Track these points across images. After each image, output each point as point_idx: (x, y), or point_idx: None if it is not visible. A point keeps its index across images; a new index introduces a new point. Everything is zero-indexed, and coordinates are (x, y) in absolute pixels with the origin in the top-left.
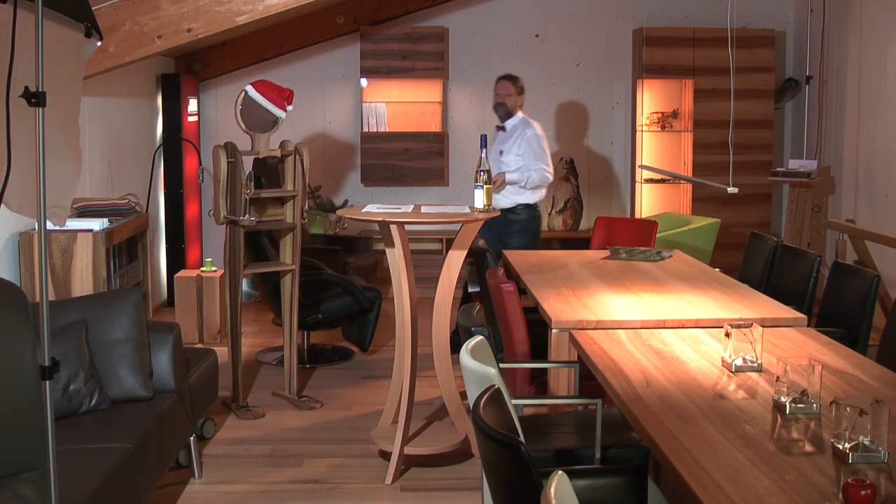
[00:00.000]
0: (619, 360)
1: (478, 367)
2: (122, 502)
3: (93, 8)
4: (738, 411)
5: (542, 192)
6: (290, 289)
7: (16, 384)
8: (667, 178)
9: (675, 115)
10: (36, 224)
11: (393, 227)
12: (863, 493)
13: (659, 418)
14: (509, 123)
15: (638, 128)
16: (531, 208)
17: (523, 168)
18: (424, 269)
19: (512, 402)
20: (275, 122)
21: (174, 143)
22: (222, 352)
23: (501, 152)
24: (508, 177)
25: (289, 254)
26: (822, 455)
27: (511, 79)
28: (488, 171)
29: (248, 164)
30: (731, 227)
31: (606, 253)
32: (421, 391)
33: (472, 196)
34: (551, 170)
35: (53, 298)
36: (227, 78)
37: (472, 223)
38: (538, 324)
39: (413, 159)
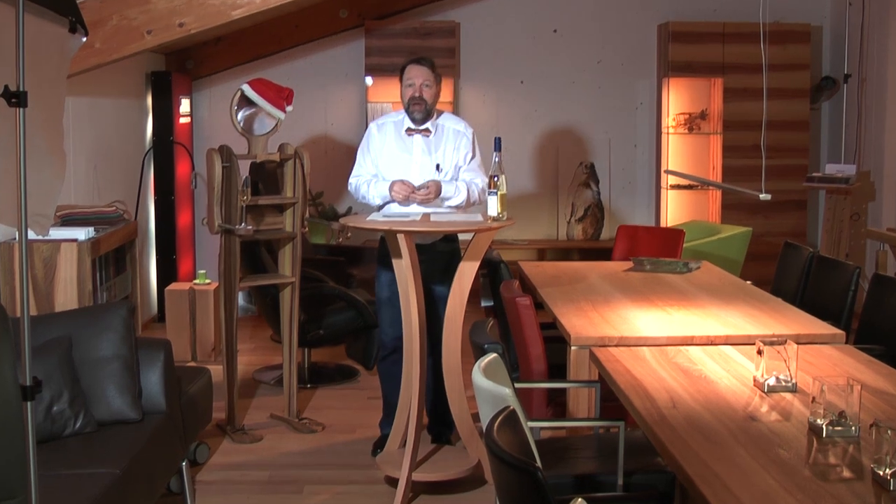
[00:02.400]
0: (643, 379)
1: (491, 386)
2: None
3: (77, 1)
4: (771, 434)
5: None
6: (289, 303)
7: None
8: (694, 183)
9: (703, 116)
10: (17, 233)
11: (400, 237)
12: None
13: (686, 442)
14: (432, 124)
15: (663, 130)
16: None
17: (468, 178)
18: None
19: (528, 425)
20: (273, 123)
21: (165, 147)
22: (217, 371)
23: (438, 166)
24: (444, 189)
25: (288, 265)
26: (861, 481)
27: (430, 64)
28: (503, 177)
29: (244, 168)
30: (763, 237)
31: (630, 264)
32: None
33: (486, 203)
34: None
35: (35, 313)
36: (221, 76)
37: (486, 232)
38: (556, 340)
39: None
